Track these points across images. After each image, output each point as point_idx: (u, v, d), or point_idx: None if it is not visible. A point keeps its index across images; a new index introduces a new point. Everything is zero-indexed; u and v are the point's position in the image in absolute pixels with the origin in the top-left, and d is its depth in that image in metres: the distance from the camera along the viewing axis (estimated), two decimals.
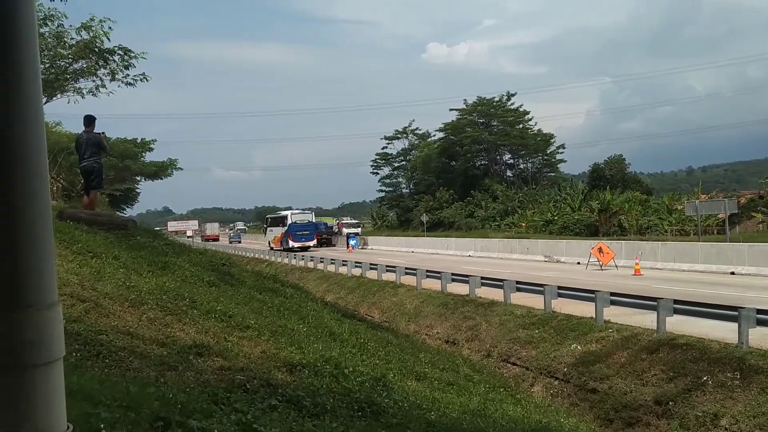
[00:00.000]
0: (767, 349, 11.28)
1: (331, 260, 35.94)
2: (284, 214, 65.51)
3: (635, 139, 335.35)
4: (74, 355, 5.21)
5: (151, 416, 4.14)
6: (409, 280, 25.18)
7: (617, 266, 27.66)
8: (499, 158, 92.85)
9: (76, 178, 31.53)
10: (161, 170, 60.05)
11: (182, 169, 63.51)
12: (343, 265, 33.34)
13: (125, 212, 60.73)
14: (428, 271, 24.49)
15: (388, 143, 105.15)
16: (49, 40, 23.31)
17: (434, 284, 22.99)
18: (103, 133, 13.56)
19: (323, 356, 7.30)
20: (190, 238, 73.01)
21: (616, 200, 61.43)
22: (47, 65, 23.68)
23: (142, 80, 24.07)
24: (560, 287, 17.05)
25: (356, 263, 32.12)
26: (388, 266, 28.16)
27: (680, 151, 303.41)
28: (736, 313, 11.73)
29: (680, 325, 13.30)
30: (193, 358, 6.15)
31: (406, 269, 26.26)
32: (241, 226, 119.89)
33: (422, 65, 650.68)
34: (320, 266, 36.70)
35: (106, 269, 8.59)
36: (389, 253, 49.52)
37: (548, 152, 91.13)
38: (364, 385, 6.63)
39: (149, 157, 60.49)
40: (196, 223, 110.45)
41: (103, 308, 6.87)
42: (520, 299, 18.29)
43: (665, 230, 54.80)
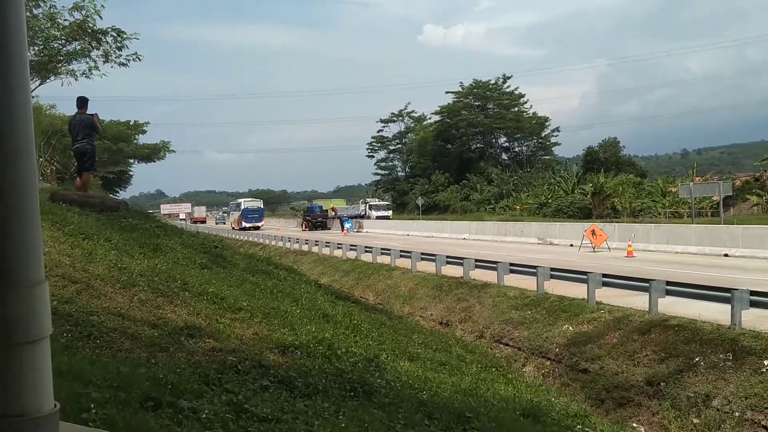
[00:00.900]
0: (760, 330, 11.31)
1: (326, 243, 35.97)
2: (239, 201, 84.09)
3: (631, 121, 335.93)
4: (65, 335, 5.22)
5: (141, 396, 4.16)
6: (403, 262, 25.24)
7: (610, 248, 27.75)
8: (494, 141, 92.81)
9: (69, 160, 31.43)
10: (154, 153, 59.89)
11: (175, 151, 63.43)
12: (338, 248, 33.37)
13: (118, 195, 60.50)
14: (423, 253, 24.55)
15: (383, 126, 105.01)
16: (42, 21, 23.12)
17: (429, 267, 23.05)
18: (95, 114, 13.47)
19: (316, 337, 7.32)
20: (182, 221, 73.21)
21: (609, 183, 61.58)
22: (40, 47, 23.50)
23: (134, 60, 23.90)
24: (553, 269, 17.10)
25: (351, 246, 32.14)
26: (383, 249, 28.19)
27: (676, 133, 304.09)
28: (729, 294, 11.76)
29: (672, 306, 13.36)
30: (184, 339, 6.16)
31: (401, 252, 26.31)
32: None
33: (419, 47, 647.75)
34: (315, 249, 36.71)
35: (97, 251, 8.58)
36: (384, 236, 49.56)
37: (543, 135, 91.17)
38: (356, 365, 6.66)
39: (142, 139, 60.38)
40: (189, 206, 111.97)
41: (94, 289, 6.87)
42: (513, 281, 18.36)
43: (659, 213, 55.02)
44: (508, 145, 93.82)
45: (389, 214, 71.04)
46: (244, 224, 71.26)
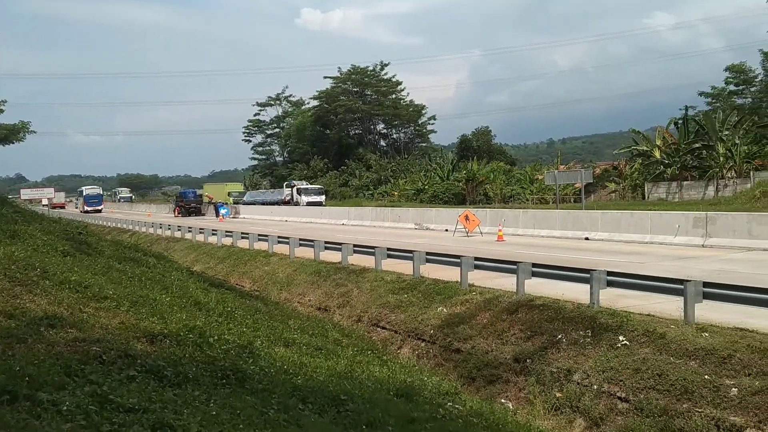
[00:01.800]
0: (616, 308, 12.10)
1: (200, 230, 34.94)
2: (81, 189, 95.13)
3: (502, 111, 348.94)
4: None
5: None
6: (282, 248, 24.97)
7: (482, 233, 28.79)
8: (372, 128, 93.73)
9: None
10: (12, 134, 55.62)
11: (35, 132, 59.28)
12: (212, 234, 32.52)
13: None
14: (301, 239, 24.37)
15: (260, 110, 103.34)
16: None
17: (307, 252, 22.94)
18: None
19: (187, 326, 7.13)
20: (45, 206, 69.05)
21: (482, 170, 63.94)
22: None
23: None
24: (428, 253, 17.51)
25: (227, 232, 31.43)
26: (260, 235, 27.75)
27: (543, 123, 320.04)
28: (588, 275, 12.49)
29: (539, 287, 14.00)
30: (44, 329, 5.85)
31: (278, 238, 25.99)
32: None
33: (297, 31, 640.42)
34: (188, 236, 35.57)
35: None
36: (262, 222, 48.84)
37: (420, 123, 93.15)
38: (229, 353, 6.55)
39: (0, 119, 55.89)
40: (51, 191, 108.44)
41: None
42: (390, 265, 18.63)
43: (527, 199, 57.80)
44: (386, 131, 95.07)
45: (323, 199, 63.46)
46: (86, 208, 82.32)
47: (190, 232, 35.59)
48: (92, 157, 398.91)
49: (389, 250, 19.16)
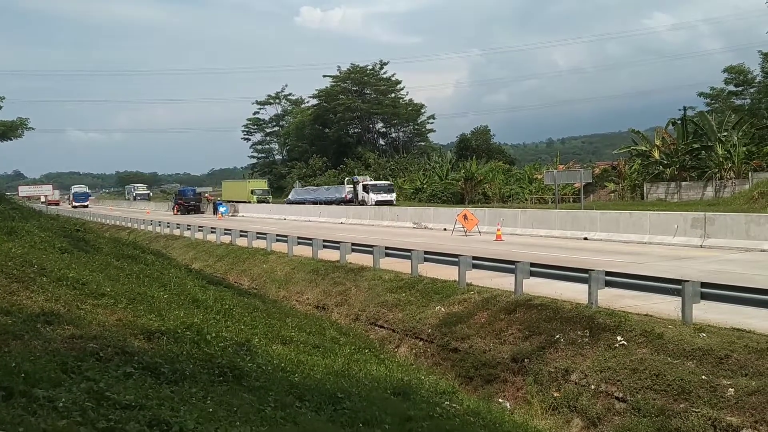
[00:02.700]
0: (614, 308, 12.12)
1: (198, 227, 34.94)
2: (72, 187, 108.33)
3: (501, 111, 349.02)
4: None
5: None
6: (280, 247, 24.98)
7: (480, 232, 28.80)
8: (371, 126, 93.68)
9: None
10: (10, 130, 55.50)
11: (33, 129, 59.19)
12: (211, 232, 32.51)
13: None
14: (300, 238, 24.40)
15: (260, 108, 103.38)
16: None
17: (306, 251, 22.95)
18: None
19: (184, 323, 7.13)
20: (44, 203, 69.39)
21: (480, 170, 63.95)
22: None
23: None
24: (426, 252, 17.52)
25: (226, 230, 31.42)
26: (258, 233, 27.76)
27: (542, 123, 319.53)
28: (586, 275, 12.50)
29: (537, 287, 14.02)
30: (41, 326, 5.85)
31: (277, 236, 26.01)
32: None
33: (296, 29, 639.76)
34: (187, 233, 35.56)
35: None
36: (261, 220, 48.85)
37: (419, 122, 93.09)
38: (226, 350, 6.55)
39: None
40: (50, 188, 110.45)
41: None
42: (388, 264, 18.64)
43: (526, 198, 57.86)
44: (385, 130, 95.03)
45: (393, 198, 54.43)
46: (75, 204, 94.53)
47: (189, 229, 35.57)
48: (91, 154, 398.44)
49: (387, 248, 19.17)
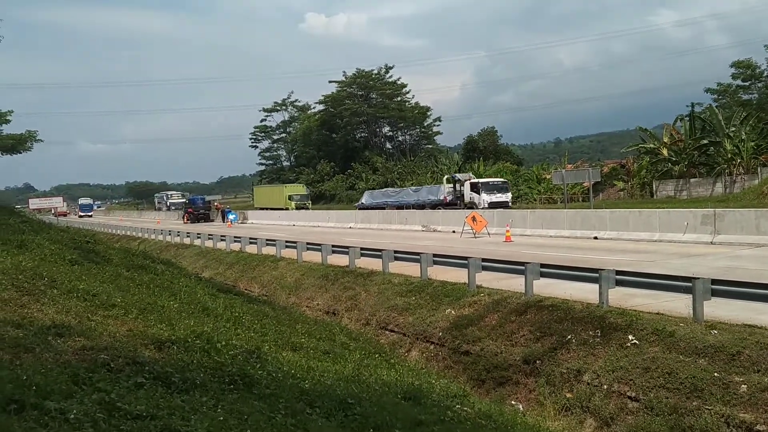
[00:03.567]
0: (625, 307, 12.09)
1: (208, 235, 35.06)
2: (78, 200, 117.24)
3: (508, 111, 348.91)
4: None
5: (3, 399, 3.96)
6: (289, 253, 25.04)
7: (489, 234, 28.76)
8: (378, 131, 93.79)
9: None
10: (19, 143, 55.89)
11: (42, 140, 59.64)
12: (221, 240, 32.61)
13: None
14: (309, 243, 24.44)
15: (267, 115, 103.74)
16: None
17: (315, 256, 22.99)
18: None
19: (195, 332, 7.16)
20: (54, 215, 70.03)
21: (488, 171, 63.83)
22: None
23: None
24: (435, 255, 17.51)
25: (235, 238, 31.51)
26: (268, 240, 27.82)
27: (549, 123, 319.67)
28: (597, 274, 12.45)
29: (547, 287, 14.00)
30: (52, 338, 5.88)
31: (286, 242, 26.08)
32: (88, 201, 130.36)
33: (301, 36, 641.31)
34: (197, 242, 35.70)
35: None
36: (270, 227, 48.96)
37: (425, 125, 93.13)
38: (236, 358, 6.57)
39: (6, 129, 56.22)
40: (60, 200, 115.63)
41: None
42: (398, 268, 18.65)
43: (534, 199, 57.67)
44: (391, 134, 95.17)
45: (509, 198, 45.70)
46: (80, 214, 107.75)
47: (198, 238, 35.69)
48: (100, 165, 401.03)
49: (396, 252, 19.18)
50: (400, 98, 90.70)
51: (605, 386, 10.10)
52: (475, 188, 45.52)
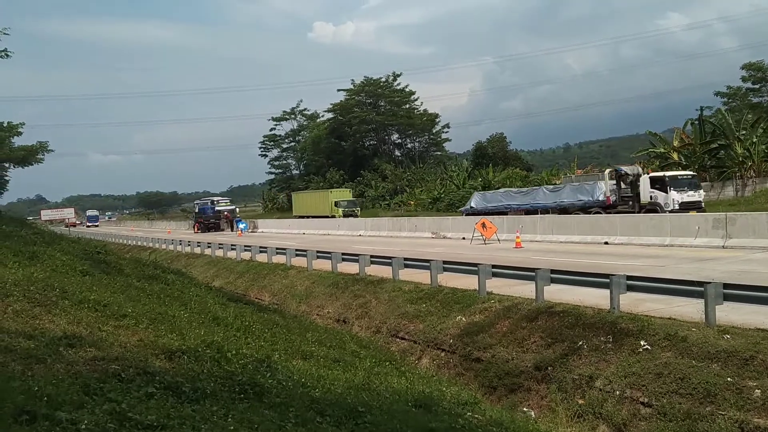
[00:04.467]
0: (637, 312, 12.03)
1: (219, 245, 35.17)
2: (87, 211, 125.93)
3: (516, 117, 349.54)
4: None
5: (15, 410, 3.98)
6: (300, 261, 25.08)
7: (499, 240, 28.72)
8: (387, 138, 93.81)
9: None
10: (30, 155, 56.44)
11: (53, 151, 60.21)
12: (231, 249, 32.70)
13: None
14: (319, 251, 24.47)
15: (276, 124, 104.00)
16: None
17: (325, 264, 23.01)
18: None
19: (205, 341, 7.18)
20: (65, 226, 70.57)
21: (498, 177, 63.71)
22: None
23: (2, 57, 22.45)
24: (446, 262, 17.49)
25: (245, 247, 31.60)
26: (278, 248, 27.88)
27: (558, 128, 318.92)
28: (607, 280, 12.41)
29: (558, 293, 13.95)
30: (63, 349, 5.91)
31: (296, 251, 26.12)
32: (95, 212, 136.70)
33: (309, 45, 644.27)
34: (208, 251, 35.82)
35: None
36: (280, 235, 49.07)
37: (434, 132, 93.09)
38: (246, 367, 6.58)
39: (18, 141, 56.79)
40: (72, 211, 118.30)
41: None
42: (408, 275, 18.63)
43: None
44: (400, 141, 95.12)
45: (701, 197, 34.30)
46: (88, 224, 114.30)
47: (209, 247, 35.82)
48: (111, 176, 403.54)
49: (406, 259, 19.17)
50: (408, 105, 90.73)
51: (618, 392, 10.04)
52: (659, 184, 34.39)
